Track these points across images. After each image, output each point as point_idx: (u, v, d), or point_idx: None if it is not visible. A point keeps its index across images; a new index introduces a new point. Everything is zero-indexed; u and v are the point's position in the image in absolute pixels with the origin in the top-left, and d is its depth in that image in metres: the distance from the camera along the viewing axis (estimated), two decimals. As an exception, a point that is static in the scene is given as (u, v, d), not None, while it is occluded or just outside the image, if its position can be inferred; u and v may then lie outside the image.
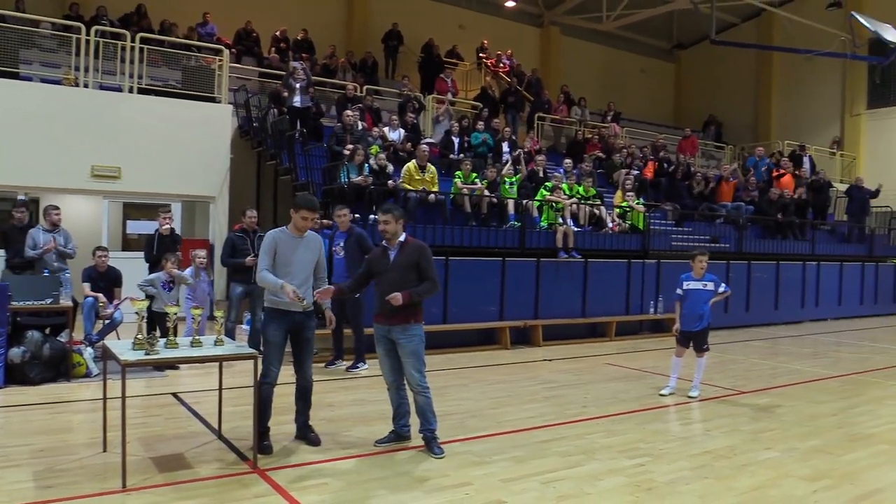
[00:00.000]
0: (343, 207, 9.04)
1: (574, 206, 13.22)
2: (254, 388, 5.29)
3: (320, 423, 6.35)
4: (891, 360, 11.44)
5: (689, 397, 8.03)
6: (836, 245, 18.51)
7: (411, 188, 11.61)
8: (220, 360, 5.38)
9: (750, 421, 7.12)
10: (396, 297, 5.54)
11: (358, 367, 9.12)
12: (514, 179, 13.00)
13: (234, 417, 6.48)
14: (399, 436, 5.95)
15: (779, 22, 24.23)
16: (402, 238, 5.75)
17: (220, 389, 6.09)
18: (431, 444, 5.72)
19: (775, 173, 19.32)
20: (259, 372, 5.44)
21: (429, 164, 12.02)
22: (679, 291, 8.20)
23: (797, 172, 19.54)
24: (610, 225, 13.66)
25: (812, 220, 18.47)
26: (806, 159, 20.91)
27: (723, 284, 8.14)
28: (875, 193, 19.82)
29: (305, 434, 5.91)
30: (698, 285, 8.08)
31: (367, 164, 11.45)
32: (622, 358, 10.86)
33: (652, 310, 13.39)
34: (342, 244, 9.04)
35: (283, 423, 6.26)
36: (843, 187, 21.85)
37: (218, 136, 13.36)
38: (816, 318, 16.92)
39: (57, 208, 9.64)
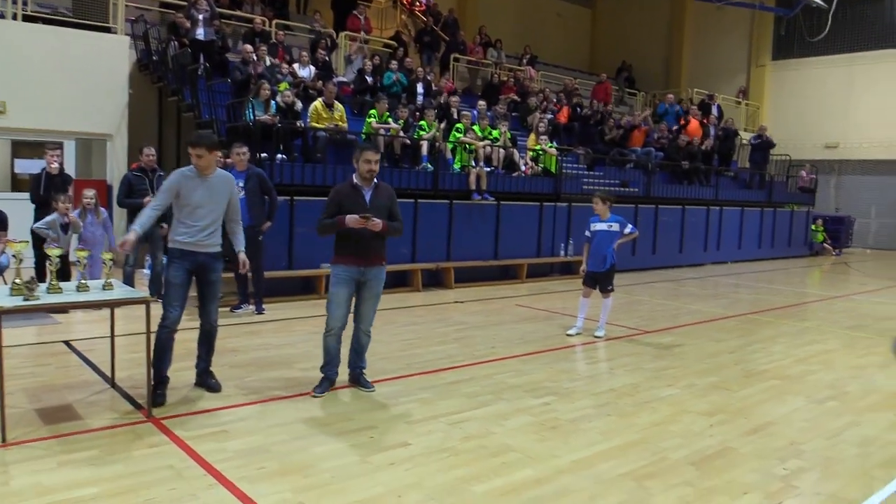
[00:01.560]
0: (241, 145, 8.62)
1: (487, 148, 13.13)
2: (146, 334, 5.00)
3: (222, 368, 6.12)
4: (784, 300, 11.97)
5: (595, 337, 8.17)
6: (739, 191, 19.16)
7: (319, 127, 11.23)
8: (107, 305, 5.04)
9: (653, 359, 7.28)
10: (377, 223, 5.44)
11: (241, 308, 8.99)
12: (429, 129, 12.70)
13: (129, 365, 6.16)
14: (331, 382, 5.77)
15: (691, -31, 24.46)
16: (375, 179, 5.62)
17: (112, 336, 5.76)
18: (365, 380, 5.86)
19: (682, 121, 19.72)
20: (160, 316, 5.15)
21: (336, 103, 11.66)
22: (587, 233, 8.32)
23: (705, 121, 19.98)
24: (523, 168, 13.64)
25: (717, 167, 19.00)
26: (714, 108, 21.41)
27: (629, 226, 8.24)
28: (771, 144, 20.53)
29: (206, 381, 5.68)
30: (603, 226, 8.19)
31: (273, 102, 10.99)
32: (532, 300, 10.96)
33: (562, 252, 13.56)
34: (242, 185, 8.64)
35: (182, 370, 6.03)
36: (747, 136, 22.54)
37: (114, 69, 12.54)
38: (718, 261, 17.55)
39: None
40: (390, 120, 12.38)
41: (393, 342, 7.58)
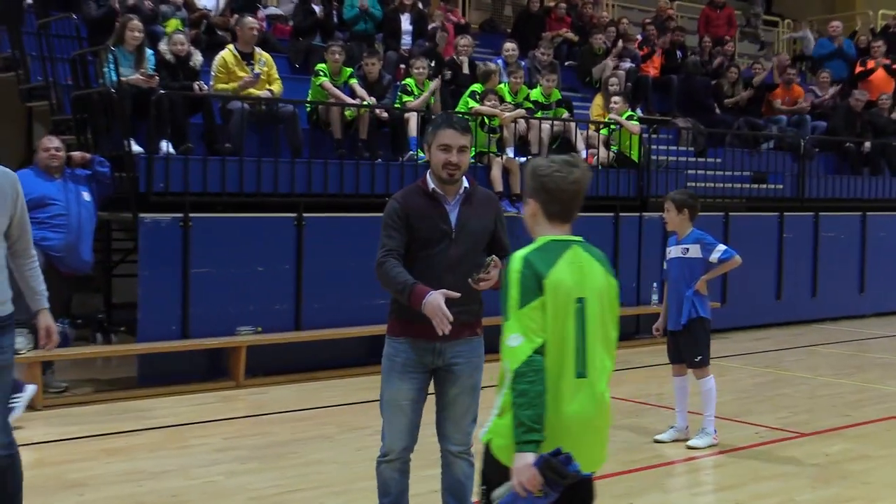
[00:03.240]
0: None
1: (521, 121, 13.01)
2: None
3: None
4: None
5: (689, 447, 8.00)
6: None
7: (231, 93, 11.20)
8: None
9: (812, 484, 7.11)
10: (490, 279, 4.97)
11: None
12: (420, 92, 12.59)
13: None
14: None
15: None
16: (464, 182, 5.38)
17: None
18: None
19: (859, 68, 19.58)
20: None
21: (260, 52, 11.67)
22: (664, 264, 8.40)
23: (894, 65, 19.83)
24: (584, 154, 13.52)
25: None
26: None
27: (719, 247, 8.09)
28: None
29: None
30: (677, 252, 8.17)
31: (151, 52, 11.00)
32: (604, 381, 10.77)
33: (655, 298, 13.39)
34: None
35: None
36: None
37: None
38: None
39: None
40: (355, 82, 12.32)
41: (360, 462, 7.36)
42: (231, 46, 11.54)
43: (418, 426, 5.39)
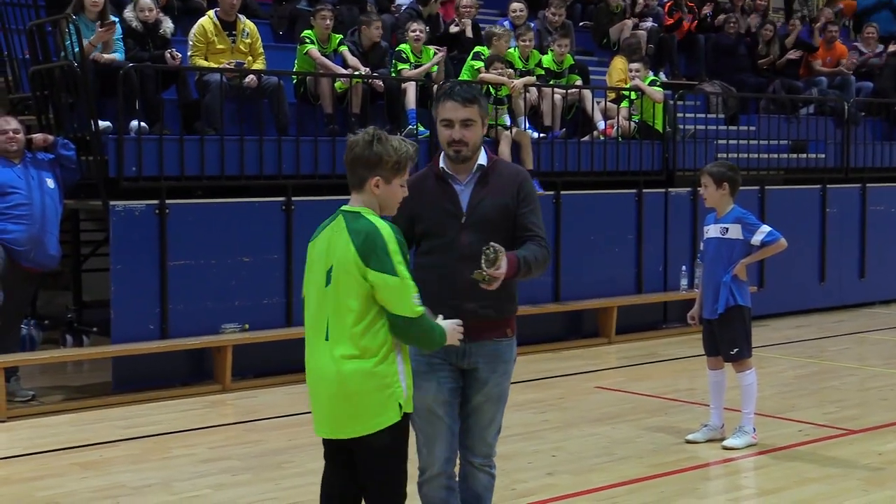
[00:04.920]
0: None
1: (532, 91, 13.01)
2: None
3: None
4: None
5: (725, 448, 7.98)
6: None
7: (212, 65, 11.18)
8: None
9: (865, 487, 7.08)
10: (498, 274, 4.86)
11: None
12: (417, 60, 12.60)
13: None
14: None
15: None
16: (482, 158, 5.32)
17: None
18: None
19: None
20: None
21: (243, 19, 11.64)
22: (701, 246, 8.41)
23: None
24: (602, 126, 13.53)
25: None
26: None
27: (763, 228, 8.09)
28: None
29: None
30: (715, 232, 8.12)
31: (117, 20, 10.94)
32: (627, 376, 10.87)
33: (684, 283, 13.40)
34: None
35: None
36: None
37: None
38: None
39: None
40: (345, 49, 12.31)
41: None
42: (211, 13, 11.46)
43: (457, 433, 5.25)
